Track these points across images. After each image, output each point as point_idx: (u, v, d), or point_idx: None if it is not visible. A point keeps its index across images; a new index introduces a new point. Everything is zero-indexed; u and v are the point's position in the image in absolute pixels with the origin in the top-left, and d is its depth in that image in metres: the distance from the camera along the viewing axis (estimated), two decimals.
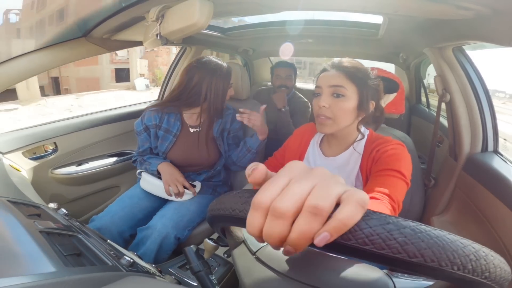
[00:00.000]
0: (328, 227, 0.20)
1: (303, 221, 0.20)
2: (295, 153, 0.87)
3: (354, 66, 0.71)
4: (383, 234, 0.20)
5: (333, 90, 0.70)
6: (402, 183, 0.64)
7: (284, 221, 0.21)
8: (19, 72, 0.82)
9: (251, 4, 0.77)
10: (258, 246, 0.39)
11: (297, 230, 0.20)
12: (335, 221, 0.20)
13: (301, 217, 0.20)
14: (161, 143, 1.11)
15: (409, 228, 0.20)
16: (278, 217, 0.21)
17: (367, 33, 1.31)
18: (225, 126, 1.17)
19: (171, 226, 0.97)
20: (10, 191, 0.71)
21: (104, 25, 0.81)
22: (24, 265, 0.33)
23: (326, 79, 0.72)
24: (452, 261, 0.19)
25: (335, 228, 0.20)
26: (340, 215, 0.20)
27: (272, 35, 1.59)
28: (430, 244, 0.19)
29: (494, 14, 0.61)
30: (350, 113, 0.70)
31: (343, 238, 0.20)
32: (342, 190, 0.21)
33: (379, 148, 0.71)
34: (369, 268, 0.34)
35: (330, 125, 0.71)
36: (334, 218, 0.20)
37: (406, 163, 0.68)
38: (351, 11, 0.80)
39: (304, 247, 0.21)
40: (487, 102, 0.93)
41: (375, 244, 0.20)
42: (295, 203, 0.21)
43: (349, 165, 0.75)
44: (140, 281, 0.40)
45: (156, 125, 1.09)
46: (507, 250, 0.68)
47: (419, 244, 0.19)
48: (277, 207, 0.21)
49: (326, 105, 0.70)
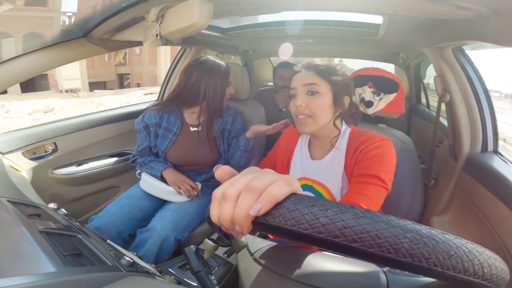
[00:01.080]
0: (260, 198, 0.24)
1: (241, 198, 0.25)
2: (284, 154, 0.87)
3: (323, 64, 0.73)
4: (308, 215, 0.22)
5: (308, 89, 0.72)
6: (379, 189, 0.64)
7: (230, 202, 0.25)
8: (19, 72, 0.82)
9: (251, 4, 0.77)
10: (257, 248, 0.40)
11: (237, 206, 0.25)
12: (265, 194, 0.24)
13: (240, 196, 0.25)
14: (161, 142, 1.11)
15: (331, 210, 0.22)
16: (225, 199, 0.25)
17: (367, 33, 1.31)
18: (225, 127, 1.17)
19: (170, 228, 0.97)
20: (10, 191, 0.70)
21: (104, 25, 0.81)
22: (24, 265, 0.33)
23: (299, 79, 0.73)
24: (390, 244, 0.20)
25: (265, 199, 0.24)
26: (269, 188, 0.24)
27: (272, 35, 1.59)
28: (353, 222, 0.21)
29: (494, 14, 0.61)
30: (328, 109, 0.72)
31: (276, 220, 0.23)
32: (277, 177, 0.26)
33: (363, 148, 0.70)
34: (364, 266, 0.35)
35: (310, 123, 0.72)
36: (264, 192, 0.24)
37: (388, 163, 0.67)
38: (351, 11, 0.80)
39: (247, 225, 0.24)
40: (487, 102, 0.93)
41: (301, 225, 0.22)
42: (238, 187, 0.25)
43: (333, 167, 0.75)
44: (140, 281, 0.40)
45: (156, 124, 1.09)
46: (507, 250, 0.68)
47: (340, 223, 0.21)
48: (225, 192, 0.26)
49: (303, 103, 0.71)
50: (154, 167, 1.09)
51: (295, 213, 0.22)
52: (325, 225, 0.21)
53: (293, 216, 0.22)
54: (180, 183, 1.05)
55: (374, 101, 0.94)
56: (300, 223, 0.22)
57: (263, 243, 0.41)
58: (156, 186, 1.08)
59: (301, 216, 0.22)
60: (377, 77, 0.93)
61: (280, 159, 0.88)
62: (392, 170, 0.68)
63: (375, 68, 0.97)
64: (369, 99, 0.94)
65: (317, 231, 0.21)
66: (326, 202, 0.22)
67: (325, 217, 0.21)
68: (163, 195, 1.08)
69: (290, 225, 0.22)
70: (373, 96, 0.94)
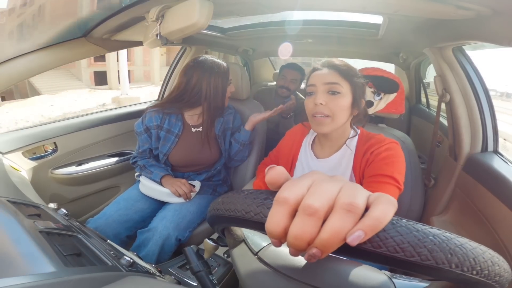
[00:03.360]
0: (363, 225, 0.19)
1: (336, 219, 0.19)
2: (288, 155, 0.87)
3: (345, 65, 0.72)
4: (413, 241, 0.19)
5: (329, 88, 0.70)
6: (394, 189, 0.65)
7: (316, 219, 0.19)
8: (19, 72, 0.82)
9: (251, 4, 0.77)
10: (260, 246, 0.39)
11: (329, 229, 0.19)
12: (369, 219, 0.19)
13: (334, 215, 0.19)
14: (163, 144, 1.10)
15: (432, 235, 0.20)
16: (310, 214, 0.19)
17: (367, 33, 1.31)
18: (227, 125, 1.18)
19: (172, 227, 0.97)
20: (10, 191, 0.70)
21: (104, 25, 0.81)
22: (24, 265, 0.33)
23: (320, 77, 0.71)
24: (473, 267, 0.20)
25: (370, 226, 0.19)
26: (374, 213, 0.19)
27: (272, 35, 1.59)
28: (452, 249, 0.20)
29: (494, 14, 0.61)
30: (346, 110, 0.71)
31: (374, 245, 0.19)
32: (369, 192, 0.21)
33: (373, 150, 0.70)
34: (370, 269, 0.34)
35: (329, 123, 0.70)
36: (368, 216, 0.19)
37: (399, 165, 0.68)
38: (351, 11, 0.80)
39: (332, 250, 0.20)
40: (487, 102, 0.93)
41: (406, 252, 0.19)
42: (328, 200, 0.20)
43: (341, 166, 0.75)
44: (140, 281, 0.40)
45: (157, 126, 1.09)
46: (507, 250, 0.68)
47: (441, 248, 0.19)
48: (310, 203, 0.19)
49: (323, 102, 0.69)
50: (154, 172, 1.09)
51: (398, 239, 0.19)
52: (432, 253, 0.19)
53: (397, 242, 0.19)
54: (177, 186, 1.05)
55: (374, 101, 0.94)
56: (405, 250, 0.19)
57: (264, 240, 0.39)
58: (154, 189, 1.08)
59: (407, 243, 0.19)
60: (377, 77, 0.93)
61: (284, 159, 0.88)
62: (403, 171, 0.68)
63: (375, 68, 0.97)
64: (369, 99, 0.94)
65: (423, 258, 0.19)
66: (427, 227, 0.20)
67: (432, 244, 0.19)
68: (161, 197, 1.08)
69: (392, 252, 0.19)
70: (373, 96, 0.94)
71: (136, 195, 1.11)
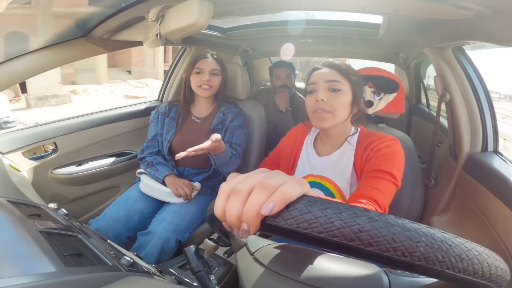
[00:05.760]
0: (272, 197, 0.23)
1: (253, 194, 0.24)
2: (290, 154, 0.87)
3: (344, 64, 0.75)
4: (321, 218, 0.21)
5: (330, 85, 0.72)
6: (391, 185, 0.66)
7: (240, 197, 0.24)
8: (19, 72, 0.82)
9: (251, 4, 0.77)
10: (257, 247, 0.39)
11: (248, 203, 0.24)
12: (278, 192, 0.23)
13: (253, 192, 0.24)
14: (167, 130, 1.17)
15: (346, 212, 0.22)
16: (236, 194, 0.25)
17: (367, 33, 1.31)
18: (224, 121, 1.19)
19: (171, 230, 0.97)
20: (10, 191, 0.70)
21: (104, 25, 0.81)
22: (24, 265, 0.33)
23: (321, 75, 0.74)
24: (394, 247, 0.20)
25: (278, 198, 0.23)
26: (282, 187, 0.23)
27: (272, 35, 1.59)
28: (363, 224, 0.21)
29: (494, 14, 0.61)
30: (347, 108, 0.73)
31: (288, 222, 0.22)
32: (289, 177, 0.25)
33: (374, 146, 0.72)
34: (365, 266, 0.35)
35: (330, 118, 0.72)
36: (277, 190, 0.23)
37: (398, 161, 0.69)
38: (351, 11, 0.81)
39: (256, 224, 0.23)
40: (487, 102, 0.93)
41: (314, 228, 0.21)
42: (251, 183, 0.25)
43: (342, 163, 0.76)
44: (140, 281, 0.40)
45: (165, 113, 1.20)
46: (507, 250, 0.68)
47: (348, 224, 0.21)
48: (236, 186, 0.25)
49: (324, 98, 0.71)
50: (160, 170, 1.10)
51: (308, 215, 0.22)
52: (340, 229, 0.21)
53: (306, 219, 0.22)
54: (179, 186, 1.05)
55: (374, 101, 0.94)
56: (314, 226, 0.21)
57: (263, 242, 0.40)
58: (154, 188, 1.08)
59: (315, 219, 0.21)
60: (377, 77, 0.93)
61: (285, 158, 0.88)
62: (402, 168, 0.69)
63: (375, 68, 0.97)
64: (369, 99, 0.94)
65: (331, 235, 0.21)
66: (340, 205, 0.22)
67: (339, 220, 0.21)
68: (160, 196, 1.08)
69: (303, 228, 0.21)
70: (373, 96, 0.94)
71: (136, 195, 1.11)
